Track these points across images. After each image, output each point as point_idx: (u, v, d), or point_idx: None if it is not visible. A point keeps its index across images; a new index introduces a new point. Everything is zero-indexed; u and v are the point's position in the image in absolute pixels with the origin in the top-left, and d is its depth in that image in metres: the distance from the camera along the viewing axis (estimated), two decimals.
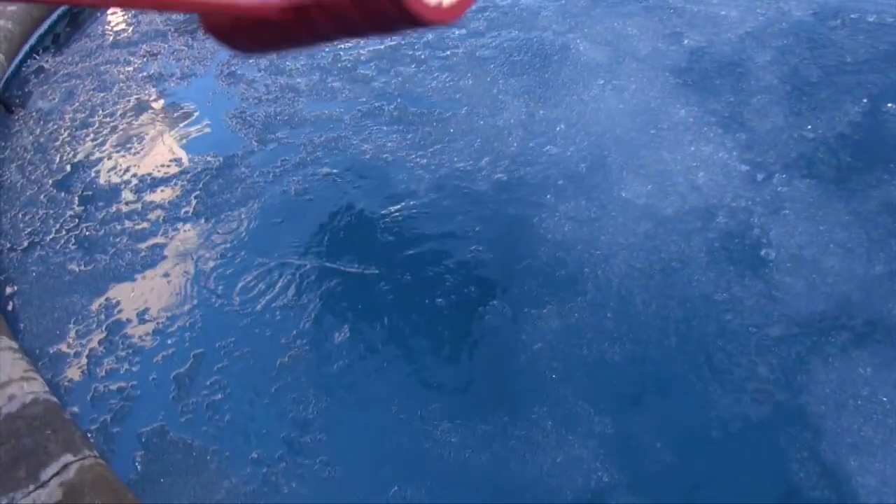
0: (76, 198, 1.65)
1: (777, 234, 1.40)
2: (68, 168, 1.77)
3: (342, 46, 2.19)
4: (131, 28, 2.46)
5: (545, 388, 1.18)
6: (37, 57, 2.30)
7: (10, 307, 1.39)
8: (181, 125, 1.91)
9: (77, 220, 1.60)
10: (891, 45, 1.92)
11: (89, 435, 1.15)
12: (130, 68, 2.19)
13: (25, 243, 1.53)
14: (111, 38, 2.40)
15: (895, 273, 1.31)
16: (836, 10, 2.10)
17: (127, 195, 1.66)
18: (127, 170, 1.75)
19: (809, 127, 1.65)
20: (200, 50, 2.24)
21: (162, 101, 2.00)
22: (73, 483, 1.00)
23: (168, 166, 1.75)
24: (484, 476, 1.09)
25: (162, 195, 1.66)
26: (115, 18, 2.56)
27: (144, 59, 2.22)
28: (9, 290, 1.43)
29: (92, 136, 1.88)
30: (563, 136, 1.73)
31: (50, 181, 1.73)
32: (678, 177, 1.54)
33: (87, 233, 1.55)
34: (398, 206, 1.55)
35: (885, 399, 1.13)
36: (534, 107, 1.84)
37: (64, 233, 1.56)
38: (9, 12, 2.32)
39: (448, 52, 2.10)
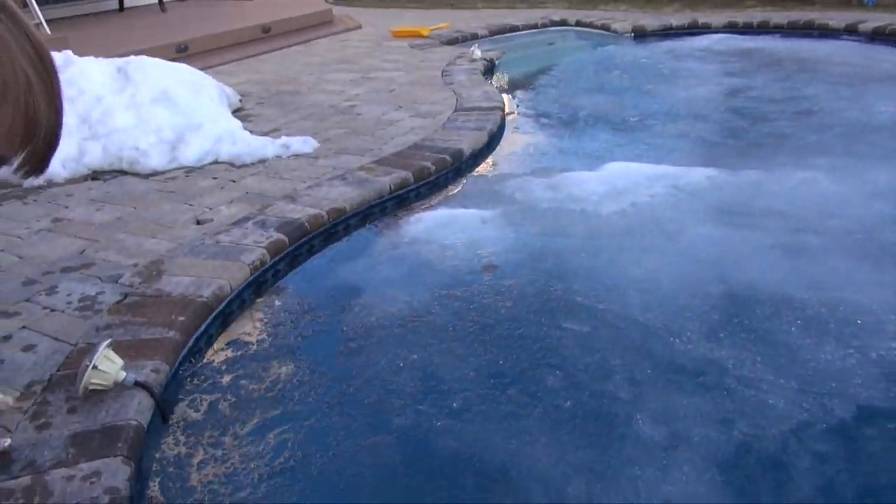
0: None
1: None
2: (197, 492, 2.16)
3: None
4: (269, 340, 3.00)
5: None
6: (192, 361, 2.84)
7: None
8: (298, 466, 2.29)
9: None
10: None
11: None
12: (262, 386, 2.67)
13: None
14: (253, 348, 2.93)
15: None
16: (877, 418, 2.35)
17: None
18: None
19: None
20: (324, 378, 2.71)
21: (285, 433, 2.42)
22: None
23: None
24: None
25: None
26: (258, 328, 3.12)
27: (274, 380, 2.70)
28: None
29: (220, 461, 2.29)
30: None
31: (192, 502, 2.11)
32: None
33: None
34: None
35: None
36: (596, 486, 2.12)
37: None
38: (178, 322, 2.91)
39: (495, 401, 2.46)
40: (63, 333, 2.86)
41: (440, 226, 4.04)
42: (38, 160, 0.77)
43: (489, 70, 8.17)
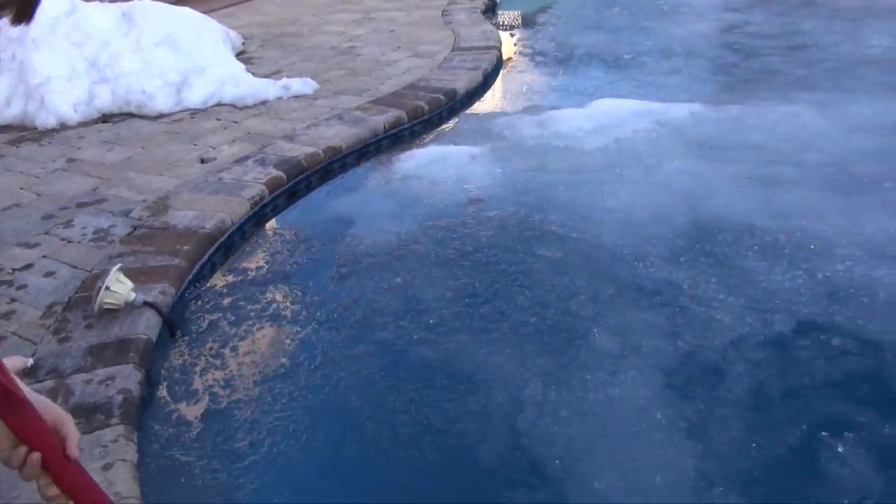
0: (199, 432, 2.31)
1: None
2: (199, 394, 2.46)
3: None
4: (266, 267, 3.27)
5: None
6: (196, 286, 3.12)
7: None
8: (287, 373, 2.58)
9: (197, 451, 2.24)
10: (847, 375, 2.36)
11: None
12: (258, 306, 2.95)
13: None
14: (251, 274, 3.20)
15: None
16: (812, 331, 2.57)
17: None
18: (232, 406, 2.41)
19: (754, 445, 2.10)
20: (314, 299, 2.98)
21: (277, 346, 2.71)
22: None
23: (273, 409, 2.40)
24: None
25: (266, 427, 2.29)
26: (257, 257, 3.38)
27: (270, 301, 2.98)
28: None
29: (220, 368, 2.59)
30: (565, 421, 2.25)
31: (185, 403, 2.42)
32: (641, 476, 2.01)
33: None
34: None
35: None
36: (549, 388, 2.39)
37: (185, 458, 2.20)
38: (183, 251, 3.18)
39: (487, 330, 2.72)
40: (80, 261, 3.15)
41: (431, 162, 4.24)
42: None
43: (491, 9, 8.18)
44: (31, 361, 2.49)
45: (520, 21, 7.87)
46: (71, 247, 3.29)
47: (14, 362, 2.45)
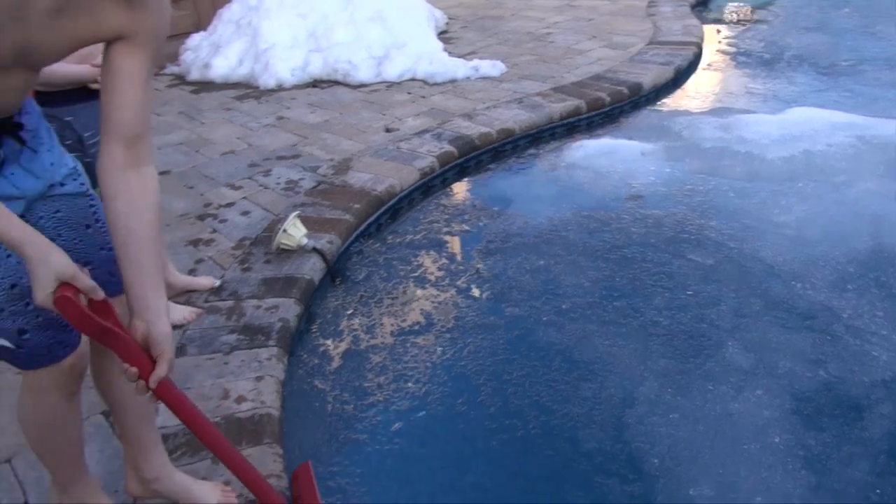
0: (338, 367, 2.61)
1: None
2: (345, 335, 2.77)
3: None
4: (423, 233, 3.53)
5: None
6: (361, 241, 3.46)
7: None
8: (422, 330, 2.81)
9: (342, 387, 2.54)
10: None
11: None
12: (409, 267, 3.21)
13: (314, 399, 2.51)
14: (409, 238, 3.48)
15: None
16: None
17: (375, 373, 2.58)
18: (369, 350, 2.68)
19: (878, 491, 1.94)
20: (459, 267, 3.18)
21: (418, 304, 2.95)
22: None
23: (413, 361, 2.64)
24: None
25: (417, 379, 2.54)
26: (417, 223, 3.65)
27: (419, 264, 3.23)
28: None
29: (366, 315, 2.88)
30: (674, 424, 2.24)
31: (331, 340, 2.74)
32: (741, 493, 1.96)
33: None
34: None
35: None
36: (666, 390, 2.38)
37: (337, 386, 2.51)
38: (354, 209, 3.53)
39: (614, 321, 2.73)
40: (270, 206, 3.62)
41: (600, 154, 4.24)
42: None
43: (703, 2, 7.80)
44: (217, 282, 2.95)
45: (733, 17, 7.43)
46: (266, 192, 3.78)
47: (205, 281, 2.94)
